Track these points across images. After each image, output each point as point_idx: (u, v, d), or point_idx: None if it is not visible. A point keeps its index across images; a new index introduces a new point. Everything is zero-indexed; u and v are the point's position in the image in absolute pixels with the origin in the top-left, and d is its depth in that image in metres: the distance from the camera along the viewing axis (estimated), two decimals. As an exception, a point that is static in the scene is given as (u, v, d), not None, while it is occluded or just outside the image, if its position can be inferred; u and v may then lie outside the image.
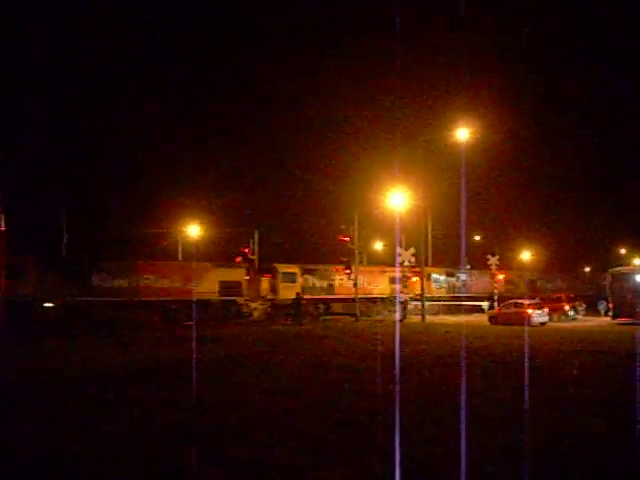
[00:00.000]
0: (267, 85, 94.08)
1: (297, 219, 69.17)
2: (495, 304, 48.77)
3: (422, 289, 42.24)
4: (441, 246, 61.58)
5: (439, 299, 53.71)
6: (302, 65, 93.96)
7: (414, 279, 44.91)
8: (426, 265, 48.02)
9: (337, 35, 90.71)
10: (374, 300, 49.50)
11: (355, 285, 43.61)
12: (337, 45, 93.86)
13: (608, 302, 42.19)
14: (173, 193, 65.95)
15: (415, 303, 44.47)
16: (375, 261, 59.46)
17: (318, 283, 47.75)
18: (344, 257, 44.26)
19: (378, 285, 51.12)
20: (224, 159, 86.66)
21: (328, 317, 44.21)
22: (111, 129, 79.30)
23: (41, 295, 34.49)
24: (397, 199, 39.52)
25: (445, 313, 51.39)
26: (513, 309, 38.59)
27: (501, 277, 53.75)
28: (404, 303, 42.45)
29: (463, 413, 9.21)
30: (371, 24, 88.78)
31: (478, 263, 57.77)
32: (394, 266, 47.66)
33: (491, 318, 39.82)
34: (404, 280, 44.50)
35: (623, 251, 77.95)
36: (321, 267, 48.74)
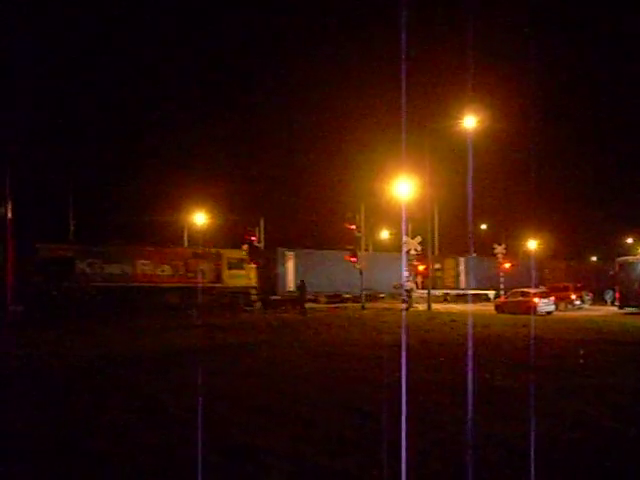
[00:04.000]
0: (273, 73, 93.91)
1: (304, 207, 69.18)
2: (501, 293, 48.79)
3: (428, 277, 42.23)
4: (448, 235, 61.61)
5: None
6: (308, 53, 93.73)
7: (420, 267, 44.75)
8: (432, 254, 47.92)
9: (343, 22, 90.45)
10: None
11: (361, 273, 43.58)
12: (343, 33, 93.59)
13: (615, 291, 42.16)
14: (180, 181, 66.01)
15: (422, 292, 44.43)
16: (382, 249, 59.53)
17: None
18: (350, 245, 44.21)
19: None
20: (231, 148, 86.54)
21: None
22: (118, 117, 79.36)
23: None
24: (404, 188, 39.48)
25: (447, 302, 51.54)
26: (519, 298, 38.55)
27: (507, 265, 53.63)
28: (410, 291, 42.36)
29: (470, 401, 9.23)
30: (378, 11, 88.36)
31: (485, 252, 57.81)
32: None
33: (497, 307, 39.83)
34: (411, 268, 44.44)
35: (630, 240, 77.86)
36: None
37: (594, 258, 77.34)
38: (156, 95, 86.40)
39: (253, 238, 49.52)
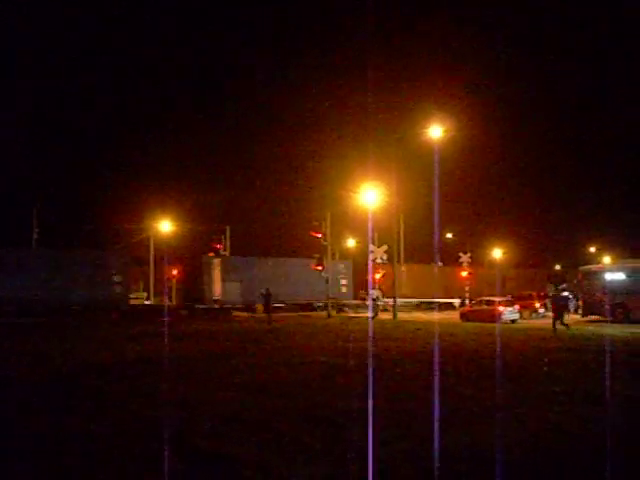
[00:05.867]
0: (240, 83, 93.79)
1: (270, 215, 69.08)
2: (466, 301, 49.16)
3: (394, 286, 42.30)
4: (414, 243, 61.90)
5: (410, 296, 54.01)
6: (274, 63, 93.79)
7: (377, 275, 44.38)
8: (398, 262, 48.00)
9: (310, 32, 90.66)
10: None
11: (327, 282, 43.56)
12: (310, 43, 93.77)
13: (578, 300, 42.64)
14: (145, 190, 65.65)
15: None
16: (348, 257, 59.62)
17: None
18: (316, 253, 44.20)
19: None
20: (196, 156, 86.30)
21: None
22: (86, 125, 78.68)
23: None
24: (370, 196, 39.60)
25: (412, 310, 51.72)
26: (484, 306, 38.85)
27: (464, 274, 54.00)
28: (376, 300, 42.39)
29: (436, 409, 9.25)
30: (344, 21, 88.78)
31: (450, 260, 58.23)
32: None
33: (462, 315, 40.09)
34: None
35: (593, 249, 78.83)
36: None
37: (558, 267, 78.15)
38: (122, 106, 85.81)
39: (219, 246, 49.36)
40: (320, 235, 43.22)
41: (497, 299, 39.35)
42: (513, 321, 37.57)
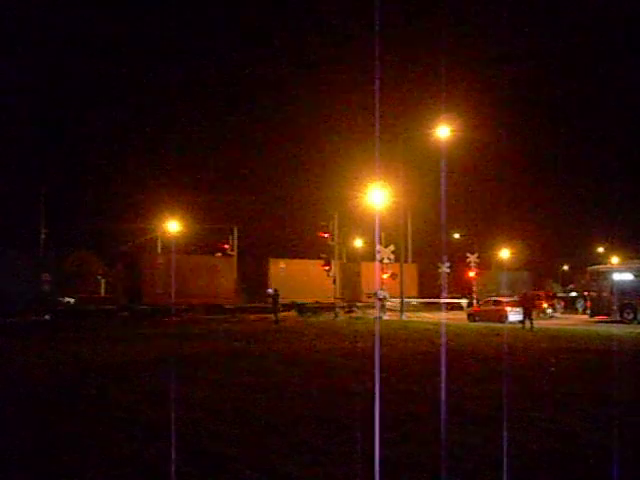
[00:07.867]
0: (248, 84, 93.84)
1: (278, 215, 69.11)
2: (474, 302, 49.01)
3: (401, 285, 42.21)
4: (421, 243, 61.80)
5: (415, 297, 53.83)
6: (282, 63, 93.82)
7: (385, 276, 44.14)
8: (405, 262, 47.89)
9: (317, 32, 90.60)
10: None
11: (334, 282, 43.51)
12: (317, 43, 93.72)
13: (586, 300, 42.50)
14: (153, 189, 65.83)
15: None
16: (356, 257, 59.61)
17: None
18: (324, 253, 44.14)
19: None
20: (204, 156, 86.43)
21: None
22: (93, 125, 78.89)
23: None
24: (377, 196, 39.51)
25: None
26: (491, 307, 38.71)
27: (472, 274, 53.71)
28: (383, 300, 42.25)
29: (443, 410, 9.22)
30: (351, 21, 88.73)
31: (458, 260, 58.05)
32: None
33: (469, 315, 39.98)
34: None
35: (601, 250, 78.53)
36: None
37: (566, 267, 77.97)
38: (134, 105, 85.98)
39: (226, 246, 49.38)
40: (327, 235, 43.17)
41: (504, 299, 39.22)
42: (521, 321, 37.41)
